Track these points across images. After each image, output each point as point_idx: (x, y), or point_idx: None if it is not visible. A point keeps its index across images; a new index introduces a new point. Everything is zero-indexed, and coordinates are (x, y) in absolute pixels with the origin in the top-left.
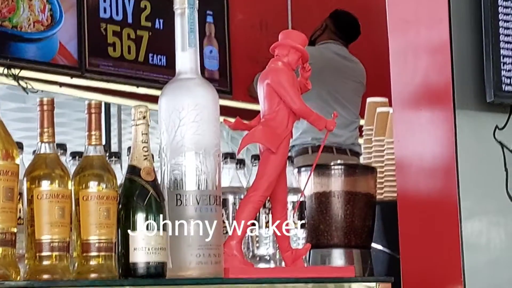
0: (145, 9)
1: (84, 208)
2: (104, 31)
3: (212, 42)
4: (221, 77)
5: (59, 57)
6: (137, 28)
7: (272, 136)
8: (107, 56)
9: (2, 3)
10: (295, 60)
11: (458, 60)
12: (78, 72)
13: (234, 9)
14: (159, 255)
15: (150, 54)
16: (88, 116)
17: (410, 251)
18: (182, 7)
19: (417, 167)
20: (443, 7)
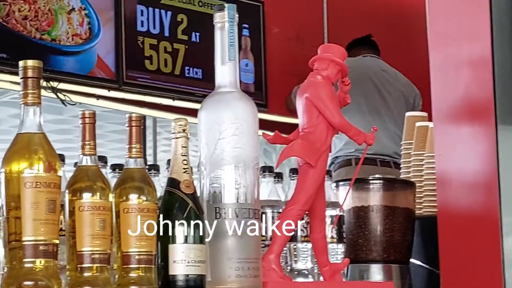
0: (181, 23)
1: (124, 220)
2: (141, 44)
3: (248, 55)
4: (257, 90)
5: (97, 70)
6: (173, 41)
7: (311, 150)
8: (144, 69)
9: (42, 17)
10: (334, 73)
11: (500, 74)
12: (115, 84)
13: (270, 22)
14: (198, 268)
15: (186, 67)
16: (129, 128)
17: (450, 266)
18: (222, 20)
19: (458, 182)
20: (484, 22)
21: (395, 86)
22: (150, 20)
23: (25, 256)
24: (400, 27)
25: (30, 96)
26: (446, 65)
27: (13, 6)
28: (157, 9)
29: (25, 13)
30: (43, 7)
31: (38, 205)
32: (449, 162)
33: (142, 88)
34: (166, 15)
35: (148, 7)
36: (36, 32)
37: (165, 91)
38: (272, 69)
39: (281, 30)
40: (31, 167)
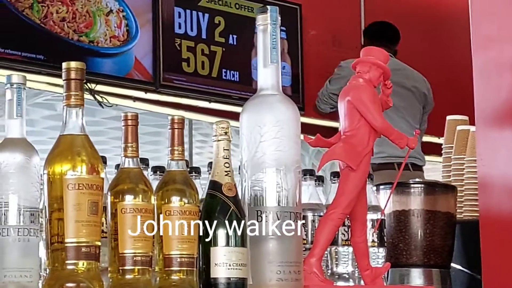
0: (219, 25)
1: (166, 223)
2: (178, 46)
3: (285, 58)
4: (294, 93)
5: (134, 72)
6: (211, 43)
7: (353, 153)
8: (181, 71)
9: (79, 18)
10: (376, 77)
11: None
12: (152, 87)
13: (307, 25)
14: (239, 271)
15: (223, 70)
16: (171, 131)
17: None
18: (264, 23)
19: (501, 187)
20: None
21: (404, 85)
22: (187, 22)
23: (67, 258)
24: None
25: (73, 98)
26: (489, 68)
27: (51, 8)
28: (195, 11)
29: (63, 15)
30: (81, 9)
31: (81, 207)
32: (491, 166)
33: (179, 90)
34: (203, 17)
35: (186, 9)
36: (73, 34)
37: (201, 93)
38: (308, 72)
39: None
40: (74, 169)
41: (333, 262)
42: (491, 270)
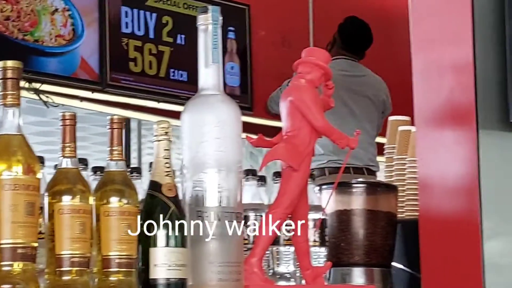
0: (167, 25)
1: (105, 224)
2: (125, 46)
3: (233, 58)
4: (242, 93)
5: (80, 71)
6: (158, 43)
7: (294, 153)
8: (128, 71)
9: (24, 17)
10: (318, 77)
11: (482, 79)
12: (99, 86)
13: (256, 26)
14: (179, 271)
15: (171, 70)
16: (110, 131)
17: (431, 270)
18: (206, 23)
19: (440, 187)
20: (467, 27)
21: (361, 92)
22: (134, 21)
23: (3, 259)
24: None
25: (10, 97)
26: (429, 70)
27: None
28: (142, 10)
29: (8, 14)
30: (26, 8)
31: (17, 208)
32: (431, 166)
33: (126, 90)
34: (151, 17)
35: (133, 9)
36: (18, 32)
37: (149, 93)
38: (257, 72)
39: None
40: (10, 169)
41: (275, 261)
42: (430, 269)
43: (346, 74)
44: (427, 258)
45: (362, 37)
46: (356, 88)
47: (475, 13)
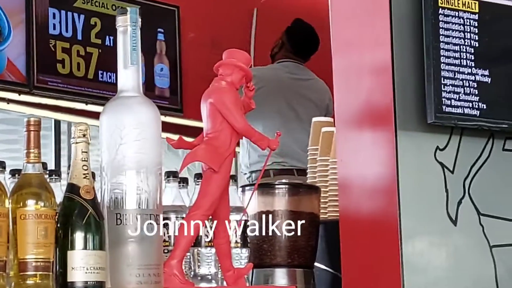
0: (95, 26)
1: (21, 227)
2: (53, 47)
3: (163, 60)
4: (172, 95)
5: (7, 73)
6: (86, 45)
7: (215, 155)
8: (56, 73)
9: None
10: (238, 79)
11: (400, 81)
12: (26, 88)
13: (186, 28)
14: (97, 274)
15: (100, 71)
16: (27, 133)
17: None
18: (124, 24)
19: (360, 187)
20: (385, 30)
21: (307, 95)
22: (62, 23)
23: None
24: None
25: None
26: (348, 71)
27: None
28: (70, 12)
29: None
30: None
31: None
32: (351, 167)
33: (54, 92)
34: (79, 18)
35: (61, 10)
36: None
37: (78, 95)
38: (187, 74)
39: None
40: None
41: (196, 263)
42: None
43: (294, 77)
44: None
45: (310, 42)
46: (302, 91)
47: (393, 17)
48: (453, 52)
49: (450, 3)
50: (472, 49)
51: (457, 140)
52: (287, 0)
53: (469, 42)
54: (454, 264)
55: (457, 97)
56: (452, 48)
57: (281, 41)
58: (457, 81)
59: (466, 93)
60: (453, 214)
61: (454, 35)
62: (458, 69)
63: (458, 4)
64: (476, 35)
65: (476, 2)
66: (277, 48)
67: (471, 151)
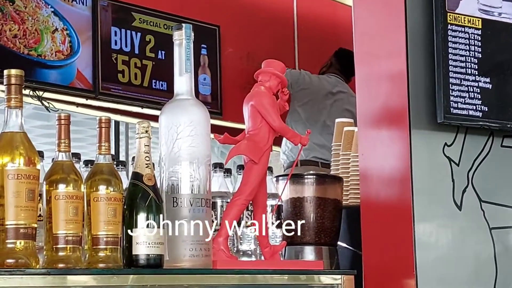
0: (149, 42)
1: (94, 208)
2: (115, 60)
3: (205, 71)
4: (213, 100)
5: (76, 81)
6: (142, 58)
7: (255, 149)
8: (117, 81)
9: (29, 35)
10: (275, 85)
11: (414, 87)
12: (92, 94)
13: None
14: (157, 248)
15: (153, 80)
16: (99, 129)
17: (371, 248)
18: (180, 38)
19: (378, 178)
20: (401, 43)
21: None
22: (122, 39)
23: (8, 238)
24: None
25: (13, 100)
26: (369, 78)
27: (4, 26)
28: (129, 30)
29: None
30: (31, 27)
31: (19, 194)
32: (371, 161)
33: (115, 98)
34: (136, 35)
35: (121, 29)
36: (24, 48)
37: (135, 100)
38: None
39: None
40: (13, 161)
41: (238, 241)
42: (369, 247)
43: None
44: (367, 238)
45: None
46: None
47: (408, 32)
48: (460, 62)
49: (458, 20)
50: (476, 59)
51: (462, 137)
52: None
53: (473, 53)
54: (458, 243)
55: (463, 100)
56: (459, 59)
57: (330, 62)
58: (463, 87)
59: (471, 97)
60: (458, 200)
61: (461, 47)
62: (464, 77)
63: (464, 21)
64: (480, 47)
65: (480, 20)
66: (326, 67)
67: (474, 147)
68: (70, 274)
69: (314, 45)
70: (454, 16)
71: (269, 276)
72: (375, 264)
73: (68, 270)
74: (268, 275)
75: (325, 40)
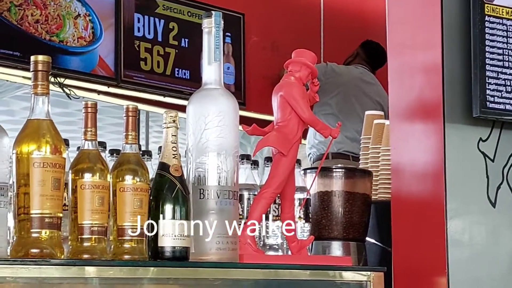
0: (173, 30)
1: (120, 198)
2: (137, 47)
3: (229, 60)
4: (237, 90)
5: (98, 68)
6: (165, 45)
7: (284, 141)
8: (140, 69)
9: (51, 21)
10: (305, 75)
11: (449, 79)
12: (114, 82)
13: (250, 32)
14: (183, 240)
15: (176, 69)
16: (126, 118)
17: (402, 245)
18: (209, 26)
19: (410, 172)
20: (437, 34)
21: (370, 96)
22: (145, 26)
23: (32, 227)
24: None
25: (40, 87)
26: (402, 70)
27: (26, 11)
28: (152, 17)
29: (37, 17)
30: (53, 13)
31: (45, 183)
32: (403, 155)
33: (138, 86)
34: (159, 22)
35: (144, 15)
36: (46, 34)
37: (157, 88)
38: (250, 72)
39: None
40: (39, 149)
41: (265, 234)
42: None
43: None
44: (398, 234)
45: (380, 57)
46: (367, 92)
47: (444, 23)
48: (497, 55)
49: (495, 12)
50: None
51: (498, 132)
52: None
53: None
54: (492, 241)
55: (499, 94)
56: (496, 51)
57: (356, 52)
58: (500, 80)
59: (508, 91)
60: (493, 197)
61: (498, 40)
62: (501, 70)
63: (502, 12)
64: None
65: None
66: (352, 57)
67: (510, 142)
68: (95, 266)
69: (340, 36)
70: (492, 8)
71: (296, 271)
72: (405, 261)
73: (93, 261)
74: (296, 270)
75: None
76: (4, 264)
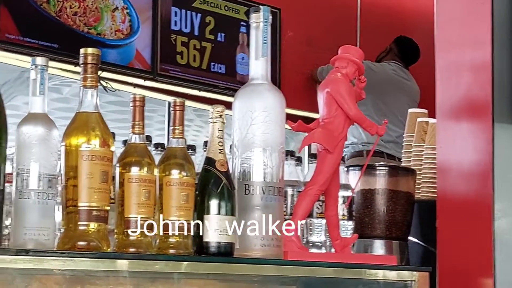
0: (209, 24)
1: (166, 192)
2: (174, 41)
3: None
4: None
5: (135, 62)
6: (202, 39)
7: (330, 138)
8: (176, 63)
9: (89, 13)
10: (352, 72)
11: (498, 78)
12: (150, 75)
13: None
14: (228, 236)
15: (212, 63)
16: (173, 112)
17: (447, 245)
18: (257, 21)
19: (457, 171)
20: (487, 31)
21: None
22: (182, 20)
23: (80, 219)
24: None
25: (89, 79)
26: (450, 68)
27: (65, 3)
28: (189, 11)
29: (75, 10)
30: (91, 5)
31: (93, 176)
32: (449, 153)
33: (174, 80)
34: (196, 16)
35: (181, 9)
36: (84, 26)
37: (193, 83)
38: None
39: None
40: (88, 142)
41: (308, 232)
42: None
43: (399, 74)
44: (444, 234)
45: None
46: (404, 88)
47: (494, 20)
48: None
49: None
50: None
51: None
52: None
53: None
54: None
55: None
56: None
57: (389, 47)
58: None
59: None
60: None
61: None
62: None
63: None
64: None
65: None
66: (385, 53)
67: None
68: (141, 259)
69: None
70: None
71: (340, 269)
72: (450, 262)
73: (139, 255)
74: (339, 269)
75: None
76: (51, 256)
